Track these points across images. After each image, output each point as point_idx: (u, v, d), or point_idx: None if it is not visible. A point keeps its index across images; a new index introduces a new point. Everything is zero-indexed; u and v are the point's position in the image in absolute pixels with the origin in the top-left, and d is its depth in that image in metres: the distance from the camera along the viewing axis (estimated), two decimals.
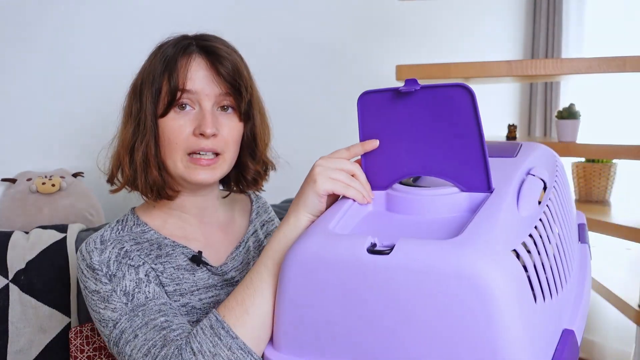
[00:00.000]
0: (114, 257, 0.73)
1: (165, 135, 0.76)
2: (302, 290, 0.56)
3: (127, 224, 0.80)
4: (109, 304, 0.70)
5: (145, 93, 0.76)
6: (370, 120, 0.66)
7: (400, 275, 0.49)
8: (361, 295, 0.51)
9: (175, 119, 0.75)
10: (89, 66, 1.35)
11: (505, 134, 1.95)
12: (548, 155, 0.75)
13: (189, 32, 0.82)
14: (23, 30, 1.26)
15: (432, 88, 0.60)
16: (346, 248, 0.53)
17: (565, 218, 0.65)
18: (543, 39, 2.97)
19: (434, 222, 0.59)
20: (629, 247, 2.15)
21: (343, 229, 0.60)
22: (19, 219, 1.19)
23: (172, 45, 0.77)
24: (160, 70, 0.75)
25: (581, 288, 0.63)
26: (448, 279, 0.47)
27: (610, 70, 1.48)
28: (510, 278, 0.47)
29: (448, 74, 1.62)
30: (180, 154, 0.75)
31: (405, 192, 0.63)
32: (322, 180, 0.65)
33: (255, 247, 0.90)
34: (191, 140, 0.75)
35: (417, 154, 0.63)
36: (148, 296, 0.71)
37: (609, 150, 1.53)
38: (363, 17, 2.11)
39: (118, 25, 1.40)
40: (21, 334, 1.02)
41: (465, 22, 2.62)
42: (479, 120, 0.58)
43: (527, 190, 0.59)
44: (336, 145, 2.08)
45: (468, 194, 0.60)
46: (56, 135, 1.32)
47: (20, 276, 1.03)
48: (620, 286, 1.63)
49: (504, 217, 0.53)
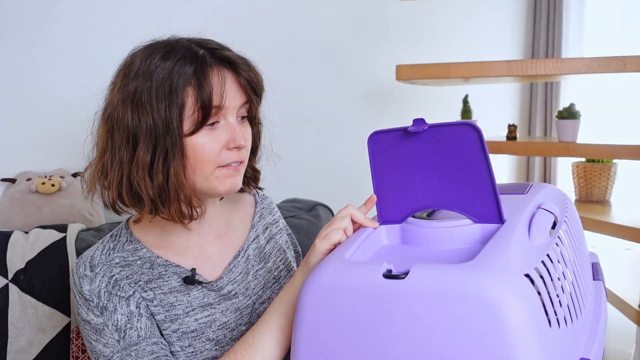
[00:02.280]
0: (103, 287, 0.73)
1: (197, 153, 0.71)
2: (319, 317, 0.56)
3: (120, 240, 0.79)
4: (101, 338, 0.71)
5: (157, 107, 0.68)
6: (381, 157, 0.68)
7: (416, 298, 0.50)
8: (378, 319, 0.52)
9: (206, 136, 0.71)
10: (90, 66, 1.35)
11: (505, 134, 1.95)
12: (557, 194, 0.78)
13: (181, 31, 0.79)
14: (23, 30, 1.26)
15: (440, 127, 0.62)
16: (362, 274, 0.54)
17: (578, 251, 0.67)
18: (543, 39, 2.97)
19: (448, 252, 0.61)
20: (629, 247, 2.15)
21: (359, 259, 0.62)
22: (19, 219, 1.19)
23: (183, 55, 0.71)
24: (182, 84, 0.69)
25: (597, 320, 0.64)
26: (463, 300, 0.48)
27: (610, 70, 1.48)
28: (524, 300, 0.48)
29: (448, 74, 1.62)
30: (211, 169, 0.72)
31: (419, 225, 0.65)
32: (319, 242, 0.69)
33: (256, 254, 0.87)
34: (224, 154, 0.73)
35: (429, 188, 0.66)
36: (140, 334, 0.71)
37: (609, 150, 1.53)
38: (363, 17, 2.11)
39: (119, 25, 1.40)
40: (21, 333, 1.02)
41: (465, 22, 2.62)
42: (487, 154, 0.60)
43: (539, 221, 0.61)
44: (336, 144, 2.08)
45: (480, 225, 0.62)
46: (56, 135, 1.32)
47: (20, 276, 1.03)
48: (620, 286, 1.63)
49: (516, 244, 0.55)
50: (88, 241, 1.10)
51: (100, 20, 1.37)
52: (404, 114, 2.36)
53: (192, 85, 0.69)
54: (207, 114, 0.70)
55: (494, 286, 0.47)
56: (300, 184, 1.90)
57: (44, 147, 1.31)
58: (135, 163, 0.69)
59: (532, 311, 0.48)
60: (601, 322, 0.64)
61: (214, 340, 0.78)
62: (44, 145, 1.31)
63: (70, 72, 1.33)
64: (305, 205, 1.49)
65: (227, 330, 0.79)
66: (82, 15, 1.34)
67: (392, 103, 2.29)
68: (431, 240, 0.64)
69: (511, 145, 1.78)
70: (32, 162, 1.29)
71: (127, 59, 0.75)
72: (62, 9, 1.31)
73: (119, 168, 0.71)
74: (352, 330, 0.54)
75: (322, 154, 1.99)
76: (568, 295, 0.56)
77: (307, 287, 0.58)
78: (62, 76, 1.32)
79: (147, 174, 0.69)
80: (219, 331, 0.78)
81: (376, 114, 2.21)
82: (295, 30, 1.87)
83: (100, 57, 1.37)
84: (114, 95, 0.72)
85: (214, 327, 0.78)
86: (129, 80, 0.71)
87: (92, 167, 0.75)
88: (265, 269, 0.87)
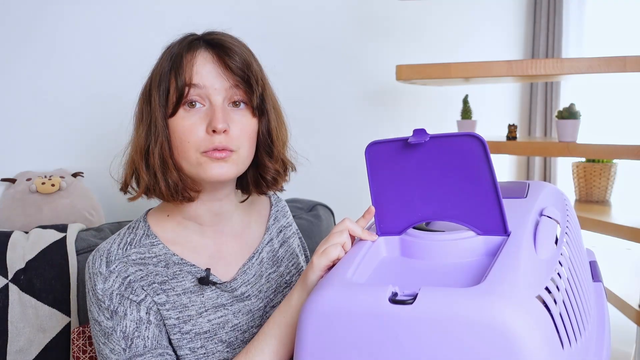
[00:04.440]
0: (116, 289, 0.72)
1: (177, 135, 0.72)
2: (321, 342, 0.54)
3: (137, 232, 0.78)
4: (108, 342, 0.71)
5: (154, 94, 0.74)
6: (379, 168, 0.67)
7: (425, 325, 0.48)
8: (383, 345, 0.50)
9: (185, 118, 0.72)
10: (90, 66, 1.35)
11: (505, 134, 1.95)
12: (556, 194, 0.76)
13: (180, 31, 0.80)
14: (22, 30, 1.26)
15: (442, 138, 0.60)
16: (367, 298, 0.52)
17: (580, 258, 0.66)
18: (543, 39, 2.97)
19: (452, 267, 0.59)
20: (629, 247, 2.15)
21: (360, 277, 0.60)
22: (19, 218, 1.19)
23: (178, 43, 0.75)
24: (167, 69, 0.73)
25: (602, 325, 0.63)
26: (474, 327, 0.46)
27: (610, 70, 1.48)
28: (538, 325, 0.46)
29: (448, 73, 1.62)
30: (193, 153, 0.72)
31: (420, 238, 0.63)
32: (317, 259, 0.67)
33: (270, 257, 0.87)
34: (204, 138, 0.72)
35: (430, 199, 0.64)
36: (146, 344, 0.71)
37: (609, 150, 1.53)
38: (363, 17, 2.11)
39: (118, 26, 1.40)
40: (21, 333, 1.02)
41: (465, 22, 2.62)
42: (492, 166, 0.59)
43: (544, 233, 0.60)
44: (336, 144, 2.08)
45: (484, 238, 0.61)
46: (56, 135, 1.32)
47: (20, 276, 1.03)
48: (620, 286, 1.63)
49: (525, 262, 0.53)
50: (88, 241, 1.10)
51: (100, 21, 1.37)
52: (404, 114, 2.36)
53: (174, 67, 0.73)
54: (182, 93, 0.72)
55: (507, 313, 0.45)
56: (300, 184, 1.89)
57: (44, 147, 1.31)
58: (134, 147, 0.76)
59: (546, 336, 0.47)
60: (606, 326, 0.63)
61: (226, 342, 0.78)
62: (44, 145, 1.31)
63: (70, 72, 1.33)
64: (305, 205, 1.49)
65: (239, 332, 0.79)
66: (83, 16, 1.34)
67: (392, 103, 2.29)
68: (433, 253, 0.62)
69: (511, 145, 1.78)
70: (32, 162, 1.29)
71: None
72: (63, 10, 1.31)
73: (127, 151, 0.79)
74: (357, 357, 0.52)
75: (322, 153, 1.99)
76: (576, 309, 0.55)
77: (308, 311, 0.56)
78: (62, 76, 1.32)
79: (142, 157, 0.75)
80: (231, 333, 0.78)
81: (376, 113, 2.21)
82: (295, 30, 1.86)
83: (101, 57, 1.38)
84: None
85: (227, 329, 0.78)
86: (147, 78, 0.79)
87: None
88: (278, 273, 0.87)
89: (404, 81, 1.73)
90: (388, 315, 0.50)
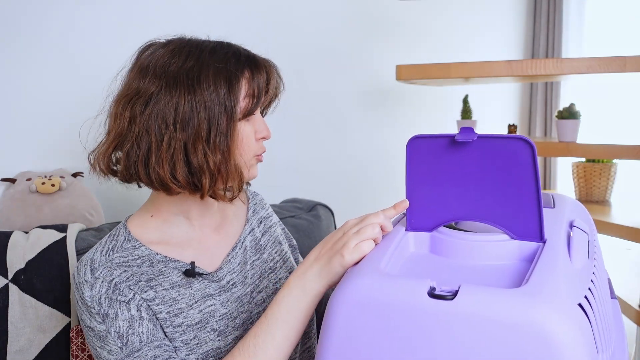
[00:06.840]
0: (104, 293, 0.73)
1: (242, 139, 0.78)
2: (350, 331, 0.53)
3: (118, 239, 0.80)
4: (104, 344, 0.72)
5: (217, 91, 0.73)
6: (418, 163, 0.66)
7: (464, 322, 0.48)
8: (417, 339, 0.50)
9: (247, 125, 0.79)
10: (90, 66, 1.35)
11: None
12: (580, 208, 0.76)
13: (194, 34, 0.81)
14: (23, 30, 1.26)
15: (491, 138, 0.60)
16: (404, 290, 0.51)
17: (603, 273, 0.66)
18: (543, 39, 2.98)
19: (486, 269, 0.58)
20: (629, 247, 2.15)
21: (392, 269, 0.59)
22: (19, 219, 1.19)
23: (232, 50, 0.78)
24: (240, 65, 0.76)
25: (621, 344, 0.62)
26: (516, 329, 0.45)
27: (610, 70, 1.48)
28: (580, 332, 0.46)
29: (448, 74, 1.62)
30: (250, 156, 0.80)
31: (454, 236, 0.62)
32: (349, 255, 0.64)
33: (252, 246, 0.90)
34: (258, 144, 0.81)
35: (467, 199, 0.63)
36: (142, 339, 0.72)
37: (609, 150, 1.53)
38: (363, 17, 2.11)
39: (120, 26, 1.40)
40: (21, 333, 1.02)
41: (465, 22, 2.62)
42: (537, 172, 0.58)
43: (578, 243, 0.59)
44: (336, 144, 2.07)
45: (518, 243, 0.60)
46: (56, 135, 1.32)
47: (20, 276, 1.03)
48: (620, 286, 1.63)
49: (564, 270, 0.53)
50: (88, 241, 1.10)
51: (99, 21, 1.37)
52: (404, 114, 2.36)
53: (246, 77, 0.77)
54: (257, 103, 0.78)
55: (554, 318, 0.45)
56: (300, 184, 1.90)
57: (44, 147, 1.31)
58: (192, 142, 0.72)
59: (586, 343, 0.46)
60: (625, 343, 0.63)
61: (217, 330, 0.79)
62: (44, 145, 1.31)
63: (70, 72, 1.33)
64: (305, 205, 1.49)
65: (229, 319, 0.81)
66: (82, 16, 1.34)
67: (392, 103, 2.29)
68: (464, 252, 0.61)
69: None
70: (32, 162, 1.29)
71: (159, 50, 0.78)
72: (62, 9, 1.31)
73: (169, 147, 0.72)
74: (388, 350, 0.51)
75: (322, 153, 1.99)
76: (605, 321, 0.55)
77: (340, 298, 0.54)
78: (62, 76, 1.32)
79: (201, 142, 0.72)
80: (221, 322, 0.80)
81: (376, 114, 2.21)
82: (295, 30, 1.87)
83: (100, 57, 1.38)
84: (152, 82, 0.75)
85: (217, 317, 0.80)
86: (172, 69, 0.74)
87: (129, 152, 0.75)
88: (262, 260, 0.90)
89: (404, 81, 1.73)
90: (426, 309, 0.49)
